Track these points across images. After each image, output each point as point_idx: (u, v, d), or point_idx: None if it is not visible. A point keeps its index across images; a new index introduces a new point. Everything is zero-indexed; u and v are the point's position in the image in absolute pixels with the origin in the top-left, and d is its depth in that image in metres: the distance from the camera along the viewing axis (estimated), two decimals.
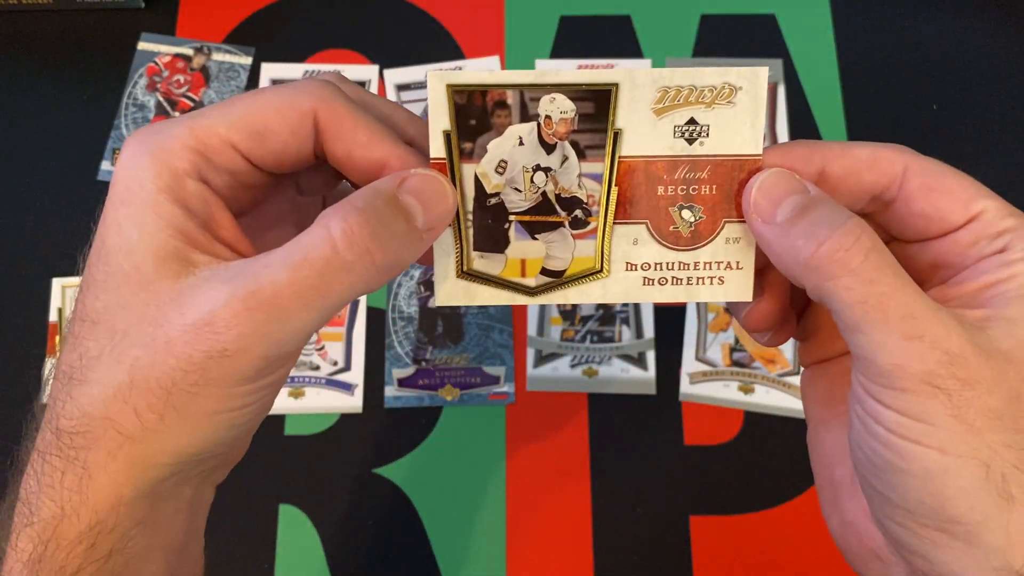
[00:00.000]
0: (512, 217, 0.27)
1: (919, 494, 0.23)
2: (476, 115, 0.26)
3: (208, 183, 0.26)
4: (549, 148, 0.26)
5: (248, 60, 0.63)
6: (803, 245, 0.24)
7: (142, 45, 0.63)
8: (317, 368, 0.56)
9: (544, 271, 0.28)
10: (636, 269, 0.27)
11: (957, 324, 0.23)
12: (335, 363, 0.56)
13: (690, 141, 0.26)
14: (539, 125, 0.26)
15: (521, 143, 0.26)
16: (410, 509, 0.54)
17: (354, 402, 0.56)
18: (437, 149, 0.26)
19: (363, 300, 0.58)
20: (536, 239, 0.27)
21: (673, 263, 0.27)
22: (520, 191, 0.27)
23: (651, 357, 0.56)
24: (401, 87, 0.63)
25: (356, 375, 0.56)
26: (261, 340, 0.23)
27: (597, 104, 0.26)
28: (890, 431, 0.23)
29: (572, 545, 0.53)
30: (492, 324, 0.57)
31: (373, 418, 0.55)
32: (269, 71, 0.63)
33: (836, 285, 0.23)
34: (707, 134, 0.26)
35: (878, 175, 0.26)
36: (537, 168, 0.26)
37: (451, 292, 0.28)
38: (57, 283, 0.58)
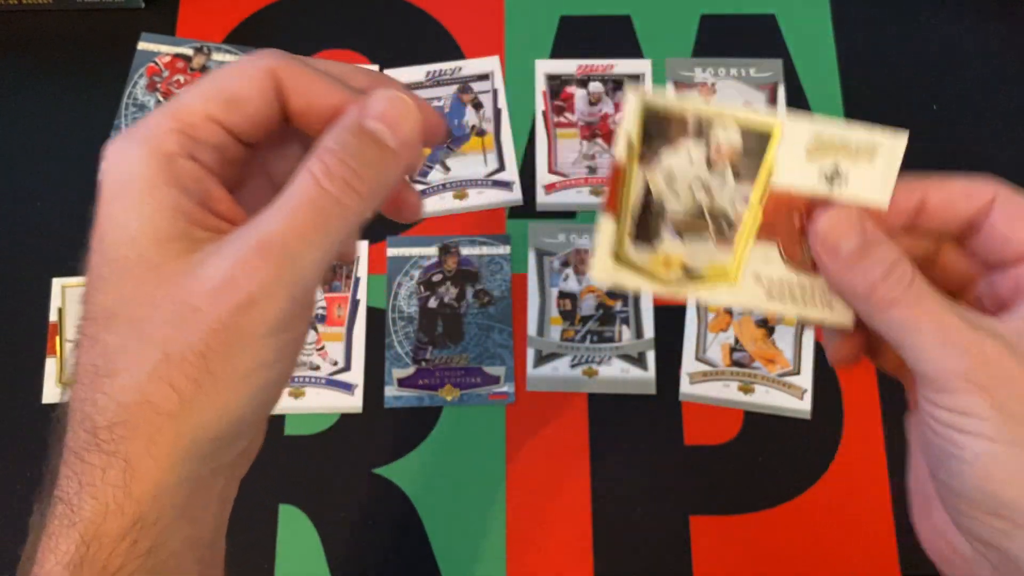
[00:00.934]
0: (668, 218, 0.31)
1: (975, 481, 0.26)
2: (658, 127, 0.30)
3: (198, 160, 0.26)
4: (712, 167, 0.30)
5: None
6: (860, 282, 0.28)
7: (142, 45, 0.63)
8: (317, 368, 0.56)
9: (683, 269, 0.31)
10: (763, 283, 0.31)
11: (989, 329, 0.26)
12: (335, 363, 0.56)
13: (831, 183, 0.30)
14: (708, 147, 0.30)
15: (690, 159, 0.30)
16: (410, 509, 0.54)
17: (354, 402, 0.56)
18: (620, 150, 0.30)
19: (363, 300, 0.58)
20: (683, 241, 0.31)
21: (795, 284, 0.30)
22: (680, 198, 0.30)
23: (651, 357, 0.56)
24: None
25: (356, 375, 0.56)
26: (281, 284, 0.25)
27: (760, 139, 0.30)
28: (945, 425, 0.26)
29: (572, 545, 0.53)
30: (492, 324, 0.57)
31: (373, 418, 0.55)
32: None
33: (886, 315, 0.27)
34: (846, 181, 0.30)
35: (970, 203, 0.29)
36: (698, 182, 0.30)
37: (603, 271, 0.31)
38: (57, 283, 0.58)
